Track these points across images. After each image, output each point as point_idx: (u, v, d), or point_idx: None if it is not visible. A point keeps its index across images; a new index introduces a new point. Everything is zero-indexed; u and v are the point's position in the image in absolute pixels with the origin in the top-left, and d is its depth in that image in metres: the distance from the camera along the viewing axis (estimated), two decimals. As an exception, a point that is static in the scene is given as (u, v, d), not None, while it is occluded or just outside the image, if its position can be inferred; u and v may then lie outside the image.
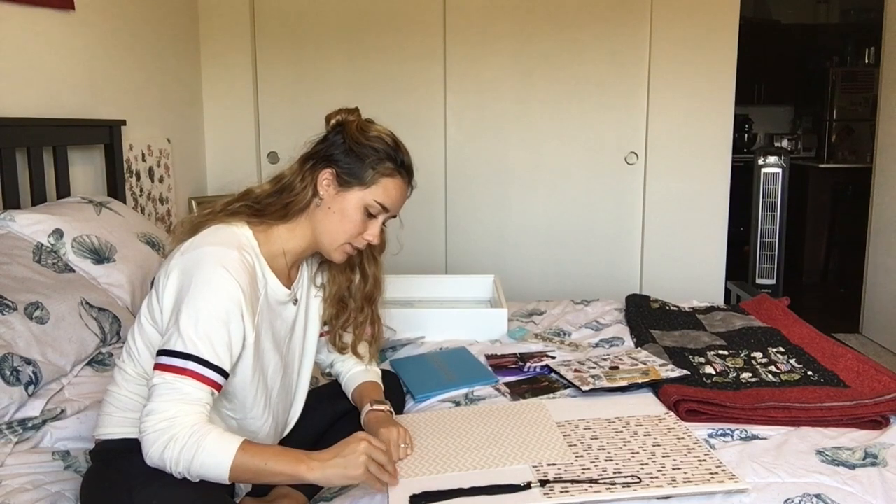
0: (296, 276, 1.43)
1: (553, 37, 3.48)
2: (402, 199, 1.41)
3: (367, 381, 1.54)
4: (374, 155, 1.35)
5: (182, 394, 1.14)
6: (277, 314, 1.36)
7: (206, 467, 1.12)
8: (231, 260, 1.21)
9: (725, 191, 3.58)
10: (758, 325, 2.17)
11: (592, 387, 1.72)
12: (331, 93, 3.53)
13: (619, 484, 1.26)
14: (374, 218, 1.36)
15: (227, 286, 1.18)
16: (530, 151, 3.58)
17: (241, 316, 1.20)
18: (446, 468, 1.34)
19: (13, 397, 1.41)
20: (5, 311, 1.49)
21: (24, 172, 2.07)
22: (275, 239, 1.33)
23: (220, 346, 1.17)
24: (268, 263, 1.32)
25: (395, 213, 1.41)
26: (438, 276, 2.82)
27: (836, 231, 5.09)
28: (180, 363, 1.15)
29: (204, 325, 1.16)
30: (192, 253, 1.22)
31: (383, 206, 1.36)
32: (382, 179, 1.35)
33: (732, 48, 3.47)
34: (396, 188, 1.37)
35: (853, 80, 5.57)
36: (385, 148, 1.37)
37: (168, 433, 1.12)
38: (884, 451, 1.39)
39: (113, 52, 2.62)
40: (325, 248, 1.36)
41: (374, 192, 1.34)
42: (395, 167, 1.37)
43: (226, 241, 1.24)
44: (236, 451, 1.13)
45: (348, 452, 1.17)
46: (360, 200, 1.33)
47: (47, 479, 1.32)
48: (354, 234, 1.35)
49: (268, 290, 1.31)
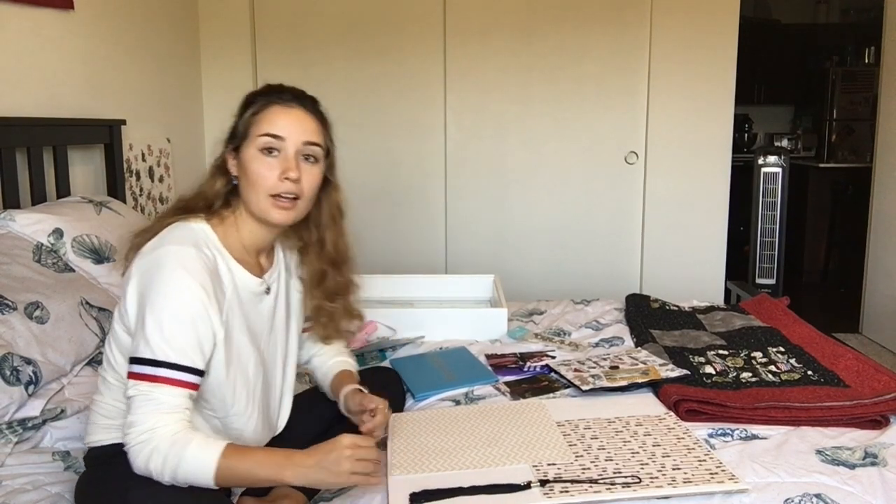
0: (270, 266, 1.40)
1: (553, 37, 3.48)
2: (296, 121, 1.29)
3: (343, 371, 1.52)
4: (245, 106, 1.31)
5: (159, 403, 1.13)
6: (252, 307, 1.33)
7: (191, 476, 1.12)
8: (188, 257, 1.19)
9: (725, 191, 3.58)
10: (758, 325, 2.17)
11: (592, 386, 1.72)
12: (331, 93, 3.52)
13: (619, 484, 1.26)
14: (278, 153, 1.27)
15: (186, 286, 1.16)
16: (530, 151, 3.58)
17: (207, 313, 1.18)
18: (446, 467, 1.35)
19: (13, 397, 1.41)
20: (5, 311, 1.49)
21: (24, 172, 2.07)
22: (230, 230, 1.31)
23: (188, 346, 1.16)
24: (232, 255, 1.29)
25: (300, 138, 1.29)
26: (438, 276, 2.82)
27: (836, 231, 5.08)
28: (151, 371, 1.14)
29: (169, 329, 1.14)
30: (150, 255, 1.20)
31: (271, 134, 1.27)
32: (258, 116, 1.28)
33: (732, 48, 3.47)
34: (277, 113, 1.28)
35: (853, 80, 5.57)
36: (251, 97, 1.32)
37: (149, 445, 1.12)
38: (884, 451, 1.39)
39: (113, 52, 2.62)
40: (260, 214, 1.29)
41: (256, 131, 1.27)
42: (266, 99, 1.30)
43: (182, 239, 1.22)
44: (218, 458, 1.12)
45: (333, 458, 1.14)
46: (253, 148, 1.27)
47: (47, 479, 1.32)
48: (266, 178, 1.26)
49: (236, 282, 1.29)
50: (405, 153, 3.59)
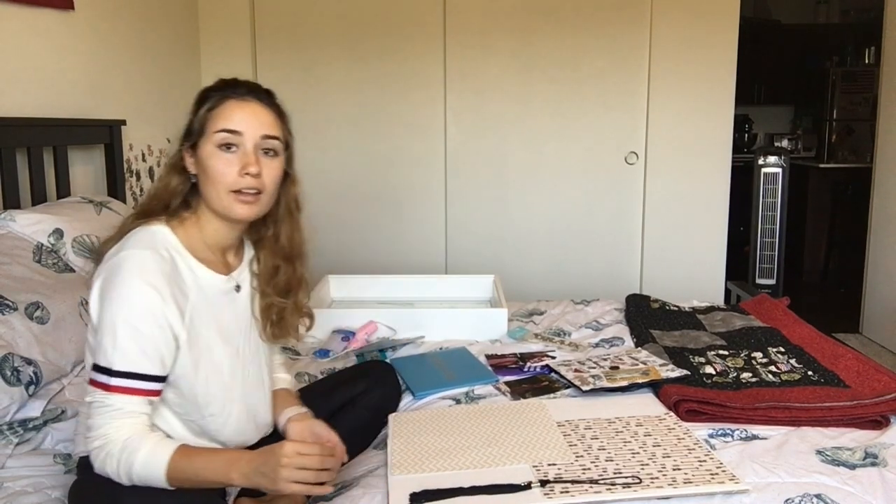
0: (238, 264, 1.37)
1: (553, 36, 3.48)
2: (252, 116, 1.26)
3: (283, 390, 1.48)
4: (200, 103, 1.28)
5: (115, 409, 1.13)
6: (223, 306, 1.31)
7: (145, 478, 1.12)
8: (144, 261, 1.17)
9: (725, 191, 3.58)
10: (758, 325, 2.17)
11: (592, 387, 1.72)
12: (331, 93, 3.53)
13: (619, 484, 1.26)
14: (236, 148, 1.24)
15: (140, 291, 1.15)
16: (530, 151, 3.58)
17: (163, 317, 1.17)
18: (446, 466, 1.35)
19: (14, 397, 1.41)
20: (6, 311, 1.49)
21: (24, 172, 2.07)
22: (191, 231, 1.29)
23: (141, 354, 1.15)
24: (195, 256, 1.27)
25: (257, 132, 1.26)
26: (438, 276, 2.81)
27: (836, 231, 5.08)
28: (105, 379, 1.14)
29: (122, 338, 1.13)
30: (109, 262, 1.19)
31: (228, 130, 1.24)
32: (213, 112, 1.25)
33: (732, 48, 3.47)
34: (233, 108, 1.25)
35: (853, 80, 5.57)
36: (205, 93, 1.28)
37: (104, 450, 1.12)
38: (884, 451, 1.39)
39: (113, 52, 2.62)
40: (221, 211, 1.26)
41: (212, 127, 1.24)
42: (216, 96, 1.27)
43: (140, 243, 1.20)
44: (168, 461, 1.12)
45: (271, 465, 1.12)
46: (210, 144, 1.24)
47: (48, 482, 1.31)
48: (226, 174, 1.23)
49: (200, 282, 1.26)
50: (405, 153, 3.59)
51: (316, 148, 3.59)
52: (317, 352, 2.06)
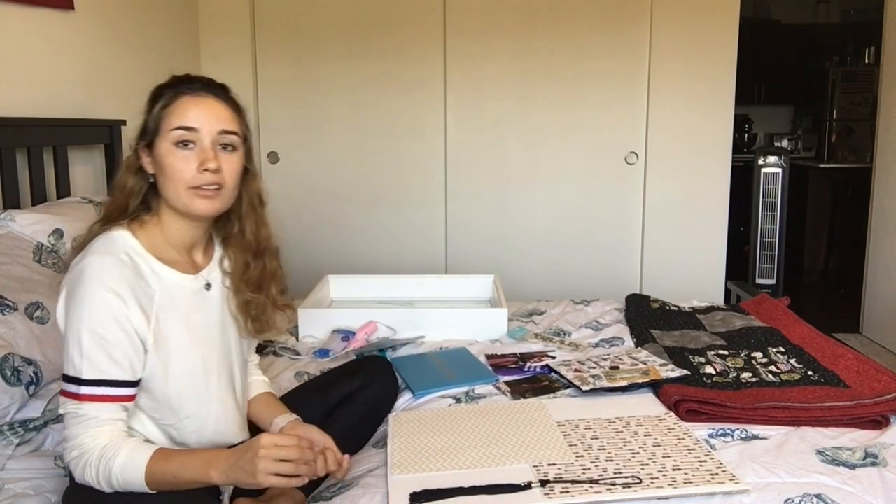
0: (207, 263, 1.35)
1: (553, 36, 3.48)
2: (208, 111, 1.24)
3: (265, 393, 1.48)
4: (153, 101, 1.25)
5: (88, 418, 1.13)
6: (192, 306, 1.29)
7: (126, 485, 1.13)
8: (103, 269, 1.16)
9: (725, 191, 3.58)
10: (758, 325, 2.17)
11: (592, 387, 1.72)
12: (331, 93, 3.53)
13: (619, 484, 1.26)
14: (193, 145, 1.22)
15: (101, 298, 1.14)
16: (530, 151, 3.58)
17: (127, 322, 1.16)
18: (446, 466, 1.35)
19: (14, 397, 1.41)
20: (6, 311, 1.49)
21: (24, 172, 2.07)
22: (154, 233, 1.27)
23: (112, 361, 1.14)
24: (159, 257, 1.25)
25: (214, 127, 1.24)
26: (438, 276, 2.81)
27: (836, 231, 5.08)
28: (75, 389, 1.14)
29: (88, 346, 1.13)
30: (72, 272, 1.18)
31: (184, 127, 1.22)
32: (168, 109, 1.23)
33: (732, 48, 3.47)
34: (187, 105, 1.23)
35: (853, 80, 5.57)
36: (158, 91, 1.26)
37: (82, 459, 1.13)
38: (884, 451, 1.39)
39: (113, 52, 2.62)
40: (181, 208, 1.24)
41: (168, 125, 1.22)
42: (174, 92, 1.24)
43: (100, 250, 1.19)
44: (145, 466, 1.12)
45: (248, 458, 1.12)
46: (166, 142, 1.22)
47: (49, 485, 1.31)
48: (185, 171, 1.21)
49: (165, 284, 1.24)
50: (405, 153, 3.59)
51: (316, 148, 3.59)
52: (317, 352, 2.06)
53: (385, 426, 1.60)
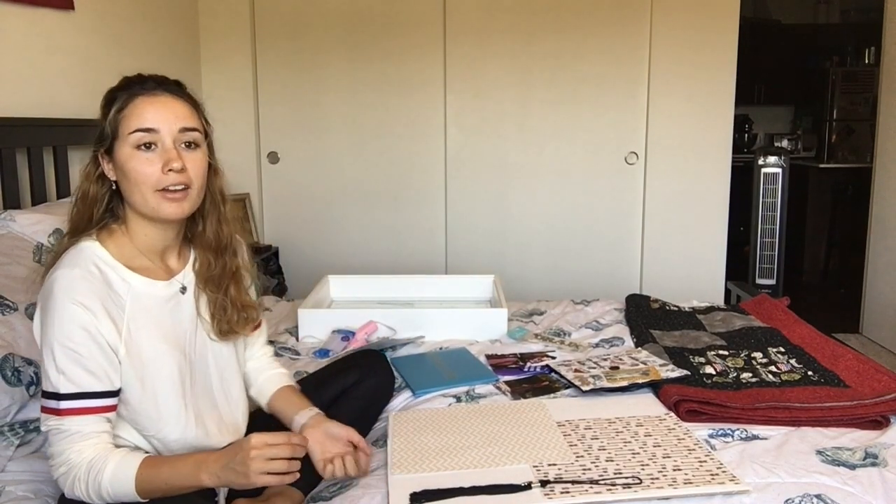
0: (182, 266, 1.32)
1: (553, 37, 3.48)
2: (165, 109, 1.21)
3: (284, 388, 1.47)
4: (106, 107, 1.22)
5: (71, 433, 1.12)
6: (167, 312, 1.26)
7: (117, 496, 1.12)
8: (70, 282, 1.14)
9: (725, 191, 3.58)
10: (758, 325, 2.17)
11: (592, 387, 1.72)
12: (331, 93, 3.54)
13: (619, 485, 1.26)
14: (155, 146, 1.19)
15: (70, 312, 1.12)
16: (530, 151, 3.59)
17: (98, 333, 1.14)
18: (447, 466, 1.35)
19: (14, 398, 1.41)
20: (6, 312, 1.49)
21: (24, 172, 2.07)
22: (122, 241, 1.24)
23: (88, 373, 1.13)
24: (128, 266, 1.23)
25: (174, 126, 1.21)
26: (438, 276, 2.81)
27: (836, 231, 5.08)
28: (54, 404, 1.12)
29: (62, 360, 1.12)
30: (44, 286, 1.17)
31: (143, 129, 1.18)
32: (123, 112, 1.19)
33: (732, 48, 3.47)
34: (143, 105, 1.20)
35: (853, 80, 5.57)
36: (111, 94, 1.23)
37: (70, 475, 1.12)
38: (884, 451, 1.39)
39: (113, 52, 2.62)
40: (151, 213, 1.21)
41: (126, 129, 1.19)
42: (124, 95, 1.21)
43: (68, 262, 1.17)
44: (135, 475, 1.11)
45: (239, 458, 1.11)
46: (126, 146, 1.19)
47: (49, 488, 1.31)
48: (149, 174, 1.18)
49: (136, 292, 1.22)
50: (405, 153, 3.60)
51: (316, 148, 3.59)
52: (316, 352, 2.06)
53: (384, 423, 1.60)
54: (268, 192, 3.65)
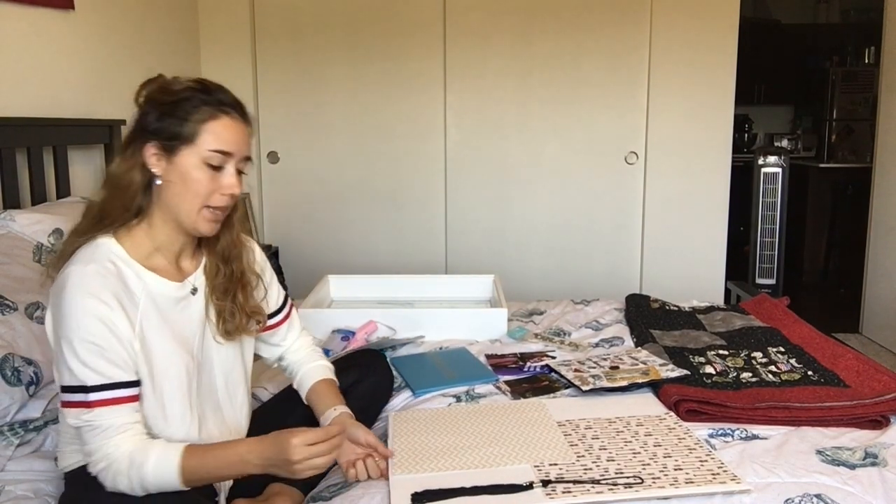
0: (195, 268, 1.33)
1: (553, 37, 3.48)
2: (242, 137, 1.25)
3: (321, 382, 1.48)
4: (185, 105, 1.20)
5: (105, 427, 1.13)
6: (178, 313, 1.28)
7: (161, 487, 1.13)
8: (87, 275, 1.15)
9: (725, 191, 3.58)
10: (758, 325, 2.17)
11: (592, 386, 1.72)
12: (331, 93, 3.53)
13: (621, 484, 1.26)
14: (222, 168, 1.23)
15: (88, 307, 1.13)
16: (530, 151, 3.58)
17: (116, 327, 1.15)
18: (448, 466, 1.35)
19: (14, 397, 1.41)
20: (6, 311, 1.49)
21: (24, 172, 2.07)
22: (141, 239, 1.25)
23: (111, 363, 1.14)
24: (144, 264, 1.24)
25: (243, 154, 1.25)
26: (438, 276, 2.81)
27: (836, 231, 5.08)
28: (82, 397, 1.13)
29: (83, 352, 1.12)
30: (56, 282, 1.17)
31: (221, 151, 1.21)
32: (206, 126, 1.20)
33: (732, 48, 3.47)
34: (227, 127, 1.22)
35: (853, 80, 5.57)
36: (194, 94, 1.22)
37: (111, 470, 1.13)
38: (884, 451, 1.39)
39: (113, 52, 2.62)
40: (187, 224, 1.24)
41: (204, 142, 1.20)
42: (214, 108, 1.22)
43: (83, 258, 1.18)
44: (179, 465, 1.13)
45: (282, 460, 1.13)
46: (196, 158, 1.20)
47: (49, 487, 1.31)
48: (206, 194, 1.22)
49: (150, 290, 1.23)
50: (405, 153, 3.60)
51: (316, 148, 3.59)
52: (317, 352, 2.06)
53: (384, 423, 1.60)
54: (268, 191, 3.65)
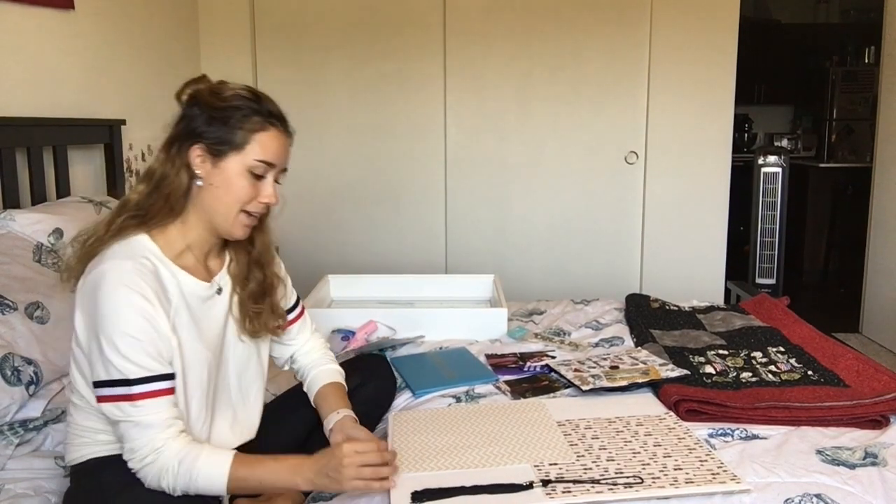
0: (219, 268, 1.36)
1: (553, 37, 3.48)
2: (285, 150, 1.30)
3: (328, 385, 1.48)
4: (237, 114, 1.24)
5: (148, 424, 1.14)
6: (204, 311, 1.30)
7: (204, 491, 1.15)
8: (126, 272, 1.16)
9: (725, 191, 3.58)
10: (758, 325, 2.17)
11: (592, 386, 1.72)
12: (331, 93, 3.53)
13: (621, 484, 1.26)
14: (263, 178, 1.27)
15: (129, 301, 1.14)
16: (530, 151, 3.58)
17: (156, 322, 1.17)
18: (448, 466, 1.35)
19: (14, 397, 1.41)
20: (6, 311, 1.49)
21: (24, 172, 2.07)
22: (174, 238, 1.27)
23: (150, 357, 1.15)
24: (176, 262, 1.26)
25: (284, 165, 1.30)
26: (438, 276, 2.81)
27: (836, 231, 5.09)
28: (125, 390, 1.14)
29: (125, 348, 1.13)
30: (90, 276, 1.18)
31: (266, 162, 1.26)
32: (255, 136, 1.24)
33: (732, 48, 3.47)
34: (273, 139, 1.27)
35: (853, 80, 5.57)
36: (246, 103, 1.26)
37: (156, 465, 1.14)
38: (884, 451, 1.39)
39: (113, 52, 2.62)
40: (222, 228, 1.28)
41: (251, 151, 1.24)
42: (264, 119, 1.26)
43: (119, 254, 1.19)
44: (228, 471, 1.15)
45: (333, 465, 1.15)
46: (241, 165, 1.24)
47: (48, 485, 1.31)
48: (246, 201, 1.26)
49: (182, 289, 1.26)
50: (405, 153, 3.60)
51: (316, 148, 3.59)
52: (317, 352, 2.06)
53: (384, 425, 1.60)
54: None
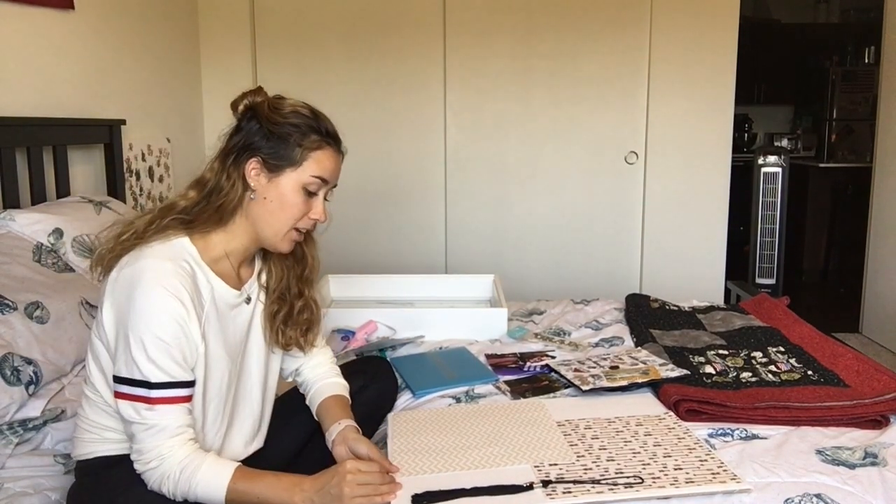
0: (249, 276, 1.37)
1: (553, 36, 3.48)
2: (338, 168, 1.32)
3: (331, 397, 1.47)
4: (296, 132, 1.26)
5: (160, 429, 1.14)
6: (230, 319, 1.31)
7: (203, 500, 1.15)
8: (166, 273, 1.16)
9: (725, 190, 3.58)
10: (758, 325, 2.17)
11: (592, 386, 1.71)
12: (331, 93, 3.53)
13: (621, 484, 1.26)
14: (315, 195, 1.30)
15: (165, 303, 1.14)
16: (530, 151, 3.58)
17: (187, 328, 1.17)
18: (448, 467, 1.34)
19: (13, 397, 1.41)
20: (5, 311, 1.49)
21: (24, 172, 2.07)
22: (215, 244, 1.28)
23: (174, 362, 1.16)
24: (212, 268, 1.27)
25: (335, 183, 1.33)
26: (438, 275, 2.81)
27: (836, 231, 5.09)
28: (145, 392, 1.14)
29: (153, 348, 1.13)
30: (125, 270, 1.17)
31: (321, 179, 1.28)
32: (312, 154, 1.27)
33: (732, 48, 3.47)
34: (329, 158, 1.29)
35: (853, 80, 5.57)
36: (305, 121, 1.27)
37: (159, 470, 1.14)
38: (884, 451, 1.39)
39: (113, 52, 2.62)
40: (269, 241, 1.30)
41: (307, 168, 1.26)
42: (322, 137, 1.28)
43: (159, 254, 1.19)
44: (228, 483, 1.15)
45: (335, 482, 1.16)
46: (296, 182, 1.26)
47: (48, 483, 1.31)
48: (298, 217, 1.29)
49: (214, 295, 1.26)
50: (405, 153, 3.59)
51: (316, 148, 3.58)
52: (317, 352, 2.06)
53: (384, 426, 1.60)
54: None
